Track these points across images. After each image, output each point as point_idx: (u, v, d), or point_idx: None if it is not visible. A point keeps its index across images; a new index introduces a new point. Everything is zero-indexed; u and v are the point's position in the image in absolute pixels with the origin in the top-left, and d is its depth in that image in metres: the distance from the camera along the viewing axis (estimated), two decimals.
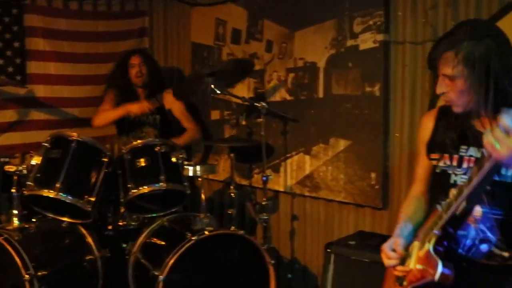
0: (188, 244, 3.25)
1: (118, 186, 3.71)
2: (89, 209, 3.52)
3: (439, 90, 2.01)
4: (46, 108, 4.78)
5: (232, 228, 3.50)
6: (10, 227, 3.48)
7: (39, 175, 3.51)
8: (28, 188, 3.48)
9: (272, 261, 3.46)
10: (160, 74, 4.61)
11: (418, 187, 2.33)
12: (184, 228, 3.49)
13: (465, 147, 2.06)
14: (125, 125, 4.42)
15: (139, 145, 3.69)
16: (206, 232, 3.33)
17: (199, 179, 3.57)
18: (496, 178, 1.93)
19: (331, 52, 3.82)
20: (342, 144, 3.79)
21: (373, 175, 3.63)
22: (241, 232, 3.43)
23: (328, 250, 3.21)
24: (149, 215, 3.80)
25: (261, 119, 3.76)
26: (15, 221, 3.52)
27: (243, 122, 4.47)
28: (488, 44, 1.92)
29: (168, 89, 4.50)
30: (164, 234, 3.65)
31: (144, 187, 3.59)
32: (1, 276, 3.37)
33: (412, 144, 3.45)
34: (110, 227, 3.92)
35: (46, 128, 4.61)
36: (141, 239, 3.64)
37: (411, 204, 2.31)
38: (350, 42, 3.70)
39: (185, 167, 3.56)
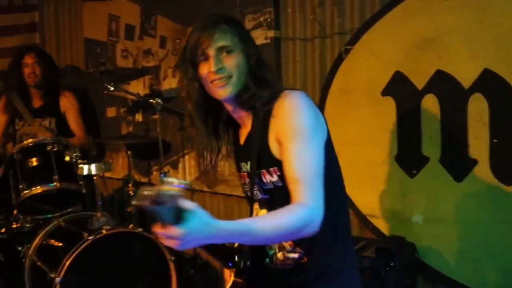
0: (85, 244, 3.20)
1: (9, 188, 3.60)
2: None
3: (215, 65, 1.81)
4: None
5: (131, 226, 3.48)
6: None
7: None
8: None
9: (173, 258, 3.48)
10: (56, 74, 4.48)
11: None
12: (81, 228, 3.44)
13: (241, 163, 1.98)
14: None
15: (30, 144, 3.60)
16: (104, 231, 3.30)
17: (95, 177, 3.52)
18: (271, 187, 1.84)
19: None
20: None
21: None
22: (140, 229, 3.42)
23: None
24: (44, 216, 3.72)
25: (156, 116, 3.76)
26: None
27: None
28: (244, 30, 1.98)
29: (66, 91, 4.40)
30: (60, 235, 3.57)
31: (37, 187, 3.50)
32: None
33: None
34: (3, 230, 3.79)
35: None
36: (36, 241, 3.55)
37: None
38: None
39: (80, 165, 3.51)
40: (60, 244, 3.52)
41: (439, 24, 2.95)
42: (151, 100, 3.72)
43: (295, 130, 1.75)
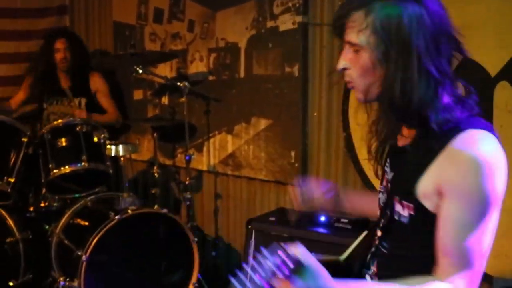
0: (111, 224, 3.26)
1: (39, 167, 3.67)
2: (8, 190, 3.47)
3: (339, 64, 1.54)
4: None
5: (156, 206, 3.53)
6: None
7: None
8: None
9: (196, 239, 3.52)
10: (86, 58, 4.53)
11: None
12: (107, 208, 3.51)
13: (387, 162, 1.66)
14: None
15: (60, 125, 3.65)
16: (129, 211, 3.35)
17: (122, 158, 3.58)
18: (396, 217, 1.56)
19: (251, 33, 3.89)
20: (263, 123, 3.88)
21: (292, 153, 3.74)
22: (164, 210, 3.46)
23: (249, 226, 3.30)
24: (72, 196, 3.78)
25: (183, 99, 3.79)
26: None
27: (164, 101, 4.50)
28: (411, 10, 1.40)
29: (95, 72, 4.46)
30: (87, 215, 3.64)
31: (66, 167, 3.56)
32: None
33: (329, 123, 3.58)
34: (31, 209, 3.87)
35: None
36: (63, 220, 3.62)
37: None
38: (270, 23, 3.78)
39: (107, 146, 3.57)
40: (87, 224, 3.59)
41: (466, 12, 2.92)
42: (178, 83, 3.75)
43: (467, 193, 1.38)
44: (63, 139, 3.61)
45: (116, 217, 3.29)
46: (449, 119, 1.42)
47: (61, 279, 3.40)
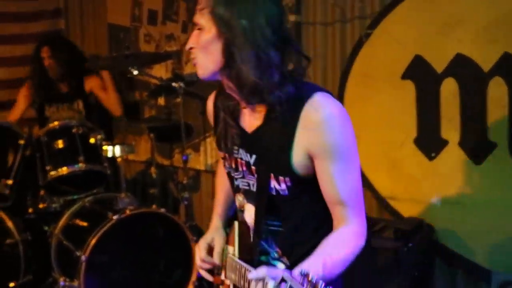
0: (109, 224, 3.28)
1: (37, 169, 3.69)
2: (7, 192, 3.50)
3: (187, 44, 1.62)
4: None
5: (154, 206, 3.55)
6: None
7: None
8: None
9: (195, 238, 3.54)
10: (78, 59, 4.48)
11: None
12: (106, 208, 3.53)
13: (236, 147, 1.74)
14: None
15: (56, 127, 3.67)
16: (128, 211, 3.38)
17: (119, 159, 3.60)
18: (273, 193, 1.65)
19: None
20: None
21: None
22: (162, 210, 3.49)
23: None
24: (70, 197, 3.81)
25: (179, 99, 3.81)
26: None
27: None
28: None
29: (91, 73, 4.46)
30: (85, 215, 3.66)
31: (63, 168, 3.58)
32: None
33: None
34: (30, 211, 3.90)
35: None
36: (62, 221, 3.64)
37: (223, 174, 1.94)
38: None
39: (104, 147, 3.60)
40: (85, 224, 3.61)
41: (459, 7, 2.96)
42: (173, 84, 3.77)
43: (336, 149, 1.55)
44: (60, 141, 3.63)
45: (114, 217, 3.31)
46: (287, 92, 1.55)
47: (61, 279, 3.43)
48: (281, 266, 1.72)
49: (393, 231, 2.95)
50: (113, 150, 3.53)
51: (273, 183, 1.64)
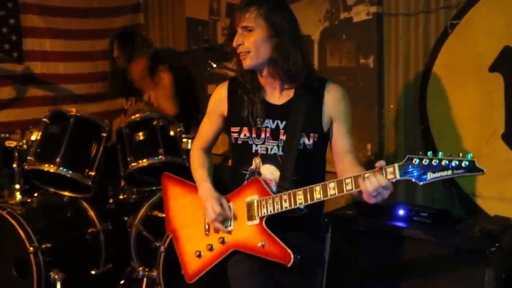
0: None
1: (118, 160, 3.76)
2: (89, 183, 3.57)
3: (236, 41, 2.32)
4: (43, 84, 4.81)
5: None
6: (12, 202, 3.56)
7: (39, 150, 3.55)
8: (28, 163, 3.53)
9: None
10: (149, 54, 4.51)
11: (200, 143, 2.73)
12: None
13: (260, 119, 2.38)
14: None
15: (137, 119, 3.72)
16: None
17: None
18: (301, 148, 2.35)
19: (325, 25, 3.86)
20: None
21: (368, 146, 3.70)
22: None
23: (326, 220, 3.28)
24: (149, 188, 3.87)
25: None
26: (17, 196, 3.61)
27: None
28: (286, 14, 2.34)
29: (163, 69, 4.49)
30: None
31: (143, 160, 3.63)
32: (5, 249, 3.44)
33: (406, 115, 3.51)
34: (111, 201, 3.99)
35: (43, 104, 4.65)
36: (142, 212, 3.71)
37: (200, 156, 2.71)
38: (343, 15, 3.74)
39: (183, 140, 3.62)
40: (164, 215, 3.65)
41: None
42: None
43: (348, 115, 2.42)
44: (141, 133, 3.68)
45: None
46: (305, 77, 2.37)
47: (140, 269, 3.49)
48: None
49: (479, 231, 2.83)
50: (192, 143, 3.54)
51: (304, 139, 2.35)
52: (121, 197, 3.98)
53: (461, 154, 1.92)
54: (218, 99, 2.56)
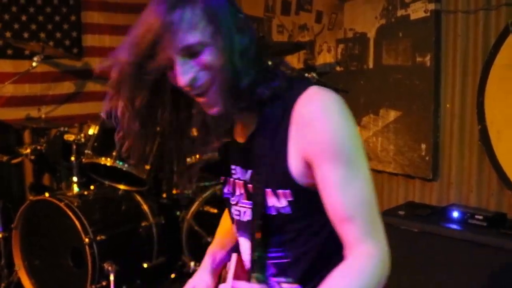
0: None
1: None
2: (145, 177, 3.63)
3: (184, 78, 1.33)
4: (102, 80, 4.89)
5: None
6: (70, 194, 3.65)
7: (96, 144, 3.62)
8: (86, 156, 3.61)
9: None
10: None
11: None
12: None
13: (234, 166, 1.55)
14: None
15: None
16: None
17: None
18: (273, 213, 1.42)
19: (381, 23, 3.81)
20: (392, 115, 3.80)
21: (423, 146, 3.63)
22: None
23: None
24: (202, 184, 3.90)
25: None
26: (75, 188, 3.69)
27: None
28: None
29: None
30: (216, 202, 3.74)
31: (196, 156, 3.65)
32: (62, 239, 3.53)
33: (463, 115, 3.43)
34: (164, 195, 4.04)
35: (102, 99, 4.71)
36: (194, 207, 3.75)
37: (226, 224, 1.86)
38: (400, 12, 3.68)
39: None
40: (216, 211, 3.69)
41: None
42: (306, 75, 3.75)
43: (334, 148, 1.29)
44: (195, 128, 3.70)
45: None
46: (278, 86, 1.36)
47: (192, 263, 3.52)
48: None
49: None
50: None
51: (272, 201, 1.40)
52: (174, 192, 4.03)
53: None
54: None
